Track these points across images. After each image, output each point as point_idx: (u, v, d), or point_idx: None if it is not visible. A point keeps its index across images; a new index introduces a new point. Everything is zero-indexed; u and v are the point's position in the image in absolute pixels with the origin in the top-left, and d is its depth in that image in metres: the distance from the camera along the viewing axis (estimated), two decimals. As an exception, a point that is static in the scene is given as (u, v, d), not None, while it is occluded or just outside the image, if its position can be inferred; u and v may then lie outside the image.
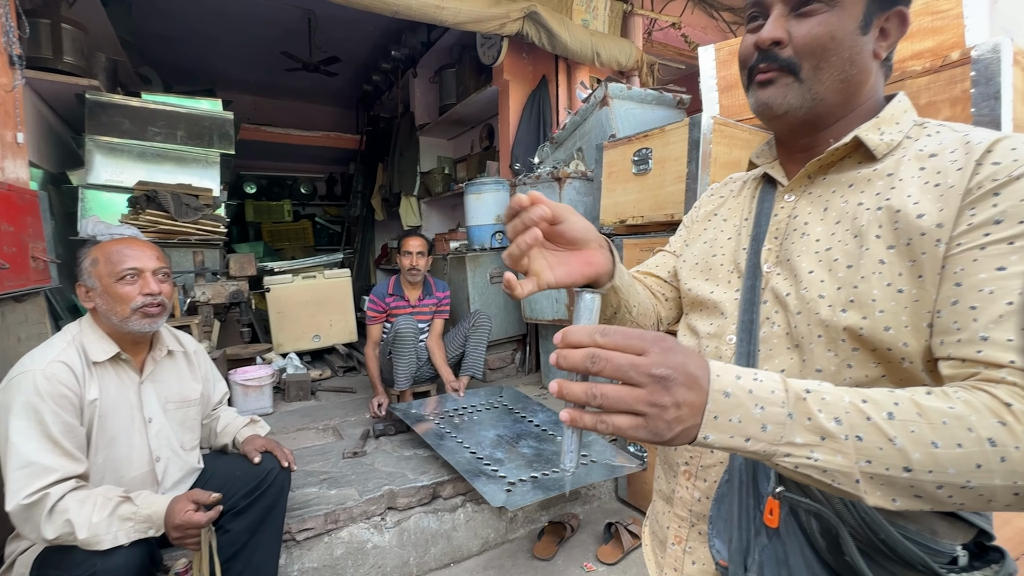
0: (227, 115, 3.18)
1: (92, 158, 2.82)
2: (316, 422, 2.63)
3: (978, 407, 0.43)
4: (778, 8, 0.60)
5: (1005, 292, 0.46)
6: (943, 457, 0.41)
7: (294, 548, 1.67)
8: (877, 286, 0.53)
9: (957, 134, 0.56)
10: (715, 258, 0.72)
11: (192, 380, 1.49)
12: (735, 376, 0.44)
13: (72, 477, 1.13)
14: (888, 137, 0.59)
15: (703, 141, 1.75)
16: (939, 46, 1.63)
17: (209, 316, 2.78)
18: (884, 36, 0.60)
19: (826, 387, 0.45)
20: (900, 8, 0.59)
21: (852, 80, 0.59)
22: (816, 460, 0.43)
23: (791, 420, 0.43)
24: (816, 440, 0.43)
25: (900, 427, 0.42)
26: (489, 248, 3.35)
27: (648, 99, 2.64)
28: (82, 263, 1.27)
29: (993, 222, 0.48)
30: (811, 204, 0.63)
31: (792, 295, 0.60)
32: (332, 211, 7.80)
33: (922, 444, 0.42)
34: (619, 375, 0.41)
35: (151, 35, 4.48)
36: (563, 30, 2.95)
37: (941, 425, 0.42)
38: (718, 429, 0.43)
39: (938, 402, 0.44)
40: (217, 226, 2.90)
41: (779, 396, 0.44)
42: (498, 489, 1.72)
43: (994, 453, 0.41)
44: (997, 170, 0.50)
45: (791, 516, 0.54)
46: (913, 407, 0.43)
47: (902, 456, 0.42)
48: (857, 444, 0.42)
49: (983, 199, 0.49)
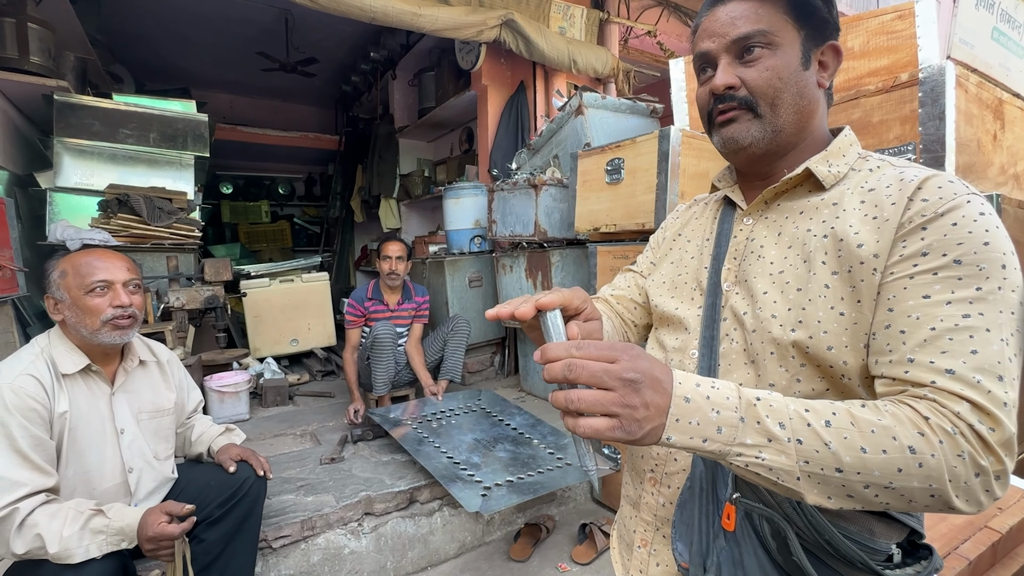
0: (201, 117, 3.13)
1: (61, 160, 2.76)
2: (293, 428, 2.63)
3: (902, 419, 0.48)
4: (724, 59, 0.65)
5: (929, 319, 0.52)
6: (870, 461, 0.47)
7: (270, 556, 1.67)
8: (822, 308, 0.58)
9: (894, 170, 0.61)
10: (680, 276, 0.77)
11: (165, 389, 1.49)
12: (695, 384, 0.49)
13: (42, 491, 1.12)
14: (835, 169, 0.65)
15: (672, 153, 1.81)
16: (894, 64, 1.71)
17: (183, 322, 2.75)
18: (823, 68, 0.66)
19: (775, 396, 0.51)
20: (832, 42, 0.66)
21: (804, 110, 0.65)
22: (763, 459, 0.48)
23: (743, 423, 0.48)
24: (764, 441, 0.48)
25: (835, 433, 0.48)
26: (468, 252, 3.38)
27: (622, 108, 2.70)
28: (50, 275, 1.26)
29: (920, 254, 0.54)
30: (766, 228, 0.68)
31: (749, 314, 0.65)
32: (311, 212, 7.72)
33: (852, 449, 0.47)
34: (594, 381, 0.46)
35: (123, 33, 4.38)
36: (540, 38, 2.99)
37: (870, 433, 0.48)
38: (679, 431, 0.48)
39: (869, 414, 0.49)
40: (191, 230, 2.87)
41: (733, 402, 0.49)
42: (474, 494, 1.75)
43: (913, 459, 0.47)
44: (925, 206, 0.55)
45: (746, 520, 0.59)
46: (848, 417, 0.49)
47: (835, 458, 0.47)
48: (798, 446, 0.48)
49: (913, 232, 0.55)
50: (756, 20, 0.62)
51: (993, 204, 1.41)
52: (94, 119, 2.81)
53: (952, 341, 0.50)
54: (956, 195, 0.55)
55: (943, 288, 0.52)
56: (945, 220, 0.53)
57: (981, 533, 1.11)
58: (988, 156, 1.64)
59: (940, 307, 0.52)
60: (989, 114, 1.65)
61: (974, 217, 0.53)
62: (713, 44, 0.65)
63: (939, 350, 0.51)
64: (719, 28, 0.65)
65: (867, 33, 1.76)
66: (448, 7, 2.74)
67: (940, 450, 0.46)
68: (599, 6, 3.54)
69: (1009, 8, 2.12)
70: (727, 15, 0.64)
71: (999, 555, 1.13)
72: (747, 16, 0.63)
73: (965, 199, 0.54)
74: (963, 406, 0.48)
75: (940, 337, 0.51)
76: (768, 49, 0.63)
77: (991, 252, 0.52)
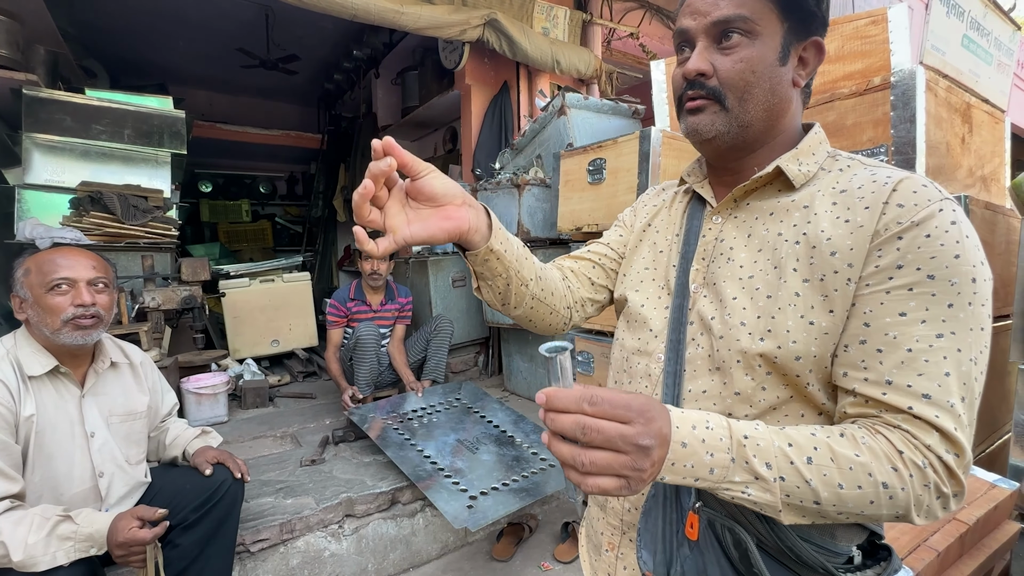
0: (178, 113, 3.06)
1: (30, 156, 2.67)
2: (273, 429, 2.58)
3: (879, 454, 0.50)
4: (702, 41, 0.63)
5: (906, 338, 0.52)
6: (846, 496, 0.50)
7: (248, 560, 1.64)
8: (792, 318, 0.58)
9: (866, 171, 0.60)
10: (647, 271, 0.75)
11: (138, 392, 1.46)
12: (691, 426, 0.50)
13: (6, 497, 1.09)
14: (805, 168, 0.64)
15: (652, 153, 1.83)
16: (867, 68, 1.75)
17: (159, 322, 2.69)
18: (803, 64, 0.64)
19: (760, 432, 0.52)
20: (816, 38, 0.63)
21: (774, 108, 0.63)
22: (749, 495, 0.51)
23: (733, 464, 0.50)
24: (751, 479, 0.50)
25: (815, 471, 0.50)
26: (451, 252, 3.37)
27: (604, 109, 2.72)
28: (15, 273, 1.22)
29: (895, 267, 0.53)
30: (736, 228, 0.66)
31: (716, 319, 0.63)
32: (293, 211, 7.60)
33: (831, 486, 0.50)
34: (609, 446, 0.45)
35: (97, 27, 4.27)
36: (523, 38, 2.99)
37: (848, 470, 0.50)
38: (673, 472, 0.49)
39: (848, 449, 0.51)
40: (168, 229, 2.81)
41: (725, 443, 0.51)
42: (460, 506, 1.72)
43: (884, 493, 0.50)
44: (900, 213, 0.54)
45: (709, 529, 0.59)
46: (828, 452, 0.51)
47: (814, 494, 0.50)
48: (781, 483, 0.50)
49: (889, 242, 0.54)
50: (739, 4, 0.60)
51: (961, 205, 1.46)
52: (65, 114, 2.73)
53: (928, 363, 0.51)
54: (930, 201, 0.54)
55: (918, 305, 0.52)
56: (920, 231, 0.53)
57: (949, 525, 1.14)
58: (957, 159, 1.68)
59: (915, 326, 0.52)
60: (958, 118, 1.70)
61: (946, 228, 0.53)
62: (693, 22, 0.63)
63: (915, 372, 0.52)
64: (701, 6, 0.62)
65: (842, 37, 1.80)
66: (431, 6, 2.72)
67: (909, 483, 0.50)
68: (582, 7, 3.56)
69: (978, 16, 2.19)
70: None
71: (967, 546, 1.16)
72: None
73: (938, 207, 0.54)
74: (934, 437, 0.50)
75: (916, 359, 0.52)
76: (747, 37, 0.60)
77: (962, 266, 0.52)
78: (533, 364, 2.99)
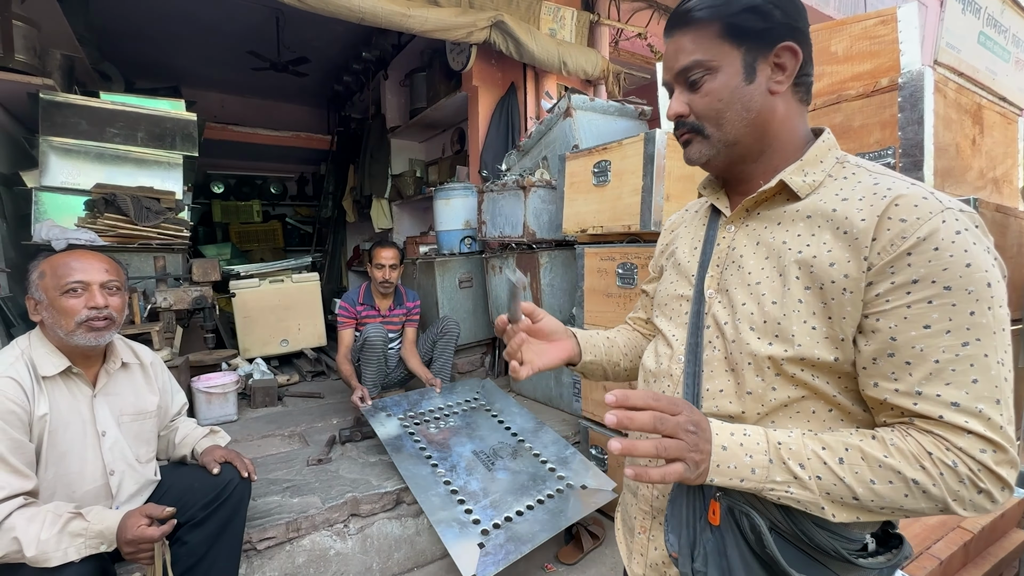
0: (190, 116, 3.11)
1: (47, 159, 2.73)
2: (282, 429, 2.62)
3: (907, 455, 0.55)
4: (677, 88, 0.71)
5: (932, 350, 0.55)
6: (879, 490, 0.56)
7: (255, 557, 1.67)
8: (796, 323, 0.62)
9: (869, 179, 0.63)
10: (671, 284, 0.81)
11: (148, 392, 1.48)
12: (729, 432, 0.60)
13: (20, 494, 1.12)
14: (811, 178, 0.67)
15: (657, 156, 1.82)
16: (876, 69, 1.73)
17: (171, 322, 2.73)
18: (780, 70, 0.66)
19: (793, 438, 0.59)
20: (786, 43, 0.65)
21: (754, 121, 0.67)
22: (792, 493, 0.58)
23: (772, 464, 0.58)
24: (790, 479, 0.58)
25: (848, 469, 0.57)
26: (458, 253, 3.38)
27: (611, 110, 2.71)
28: (31, 276, 1.25)
29: (911, 282, 0.56)
30: (747, 237, 0.71)
31: (729, 324, 0.68)
32: (303, 212, 7.68)
33: (863, 482, 0.56)
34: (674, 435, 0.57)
35: (112, 31, 4.35)
36: (530, 39, 3.00)
37: (877, 468, 0.56)
38: (719, 474, 0.58)
39: (877, 450, 0.56)
40: (180, 230, 2.85)
41: (762, 447, 0.59)
42: (470, 545, 1.66)
43: (916, 488, 0.55)
44: (905, 228, 0.56)
45: (729, 515, 0.64)
46: (858, 453, 0.57)
47: (850, 490, 0.56)
48: (818, 482, 0.57)
49: (900, 259, 0.56)
50: (692, 51, 0.67)
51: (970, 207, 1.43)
52: (80, 118, 2.79)
53: (955, 372, 0.54)
54: (932, 214, 0.56)
55: (940, 317, 0.55)
56: (927, 245, 0.55)
57: (953, 533, 1.13)
58: (967, 161, 1.66)
59: (940, 337, 0.55)
60: (968, 119, 1.67)
61: (952, 238, 0.55)
62: (667, 76, 0.72)
63: (943, 382, 0.55)
64: (668, 61, 0.71)
65: (850, 38, 1.78)
66: (437, 8, 2.74)
67: (941, 480, 0.54)
68: (589, 8, 3.55)
69: (995, 13, 2.15)
70: (672, 49, 0.70)
71: (971, 555, 1.15)
72: (685, 49, 0.67)
73: (940, 219, 0.56)
74: (966, 439, 0.54)
75: (944, 369, 0.55)
76: (709, 74, 0.66)
77: (975, 273, 0.55)
78: (539, 365, 2.99)
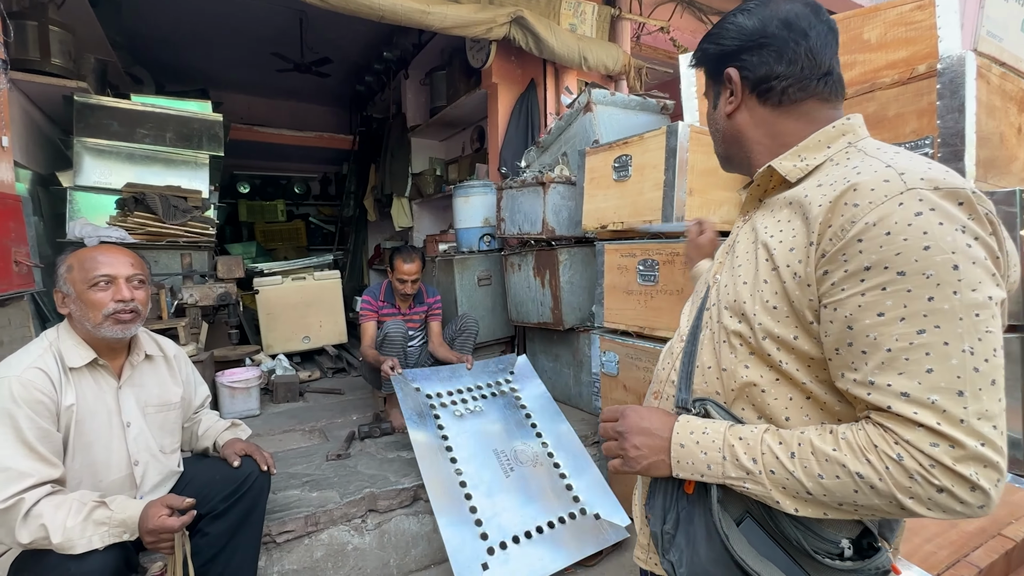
0: (216, 117, 3.18)
1: (81, 160, 2.83)
2: (303, 424, 2.65)
3: (854, 448, 0.54)
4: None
5: (885, 338, 0.53)
6: (828, 485, 0.56)
7: (274, 550, 1.69)
8: (759, 302, 0.64)
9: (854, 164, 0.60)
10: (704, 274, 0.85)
11: (172, 384, 1.51)
12: (689, 431, 0.67)
13: (47, 482, 1.14)
14: (806, 162, 0.66)
15: (680, 149, 1.78)
16: (913, 56, 1.65)
17: (197, 318, 2.80)
18: (729, 92, 0.73)
19: (754, 433, 0.62)
20: (726, 70, 0.72)
21: (725, 138, 0.77)
22: (748, 488, 0.61)
23: (725, 461, 0.63)
24: (743, 475, 0.61)
25: (797, 463, 0.58)
26: (477, 251, 3.37)
27: (632, 105, 2.67)
28: (58, 270, 1.28)
29: (864, 268, 0.53)
30: (750, 226, 0.73)
31: (715, 305, 0.72)
32: (326, 211, 7.80)
33: (811, 476, 0.57)
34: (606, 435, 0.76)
35: (144, 36, 4.48)
36: (550, 35, 2.97)
37: (824, 462, 0.56)
38: (681, 469, 0.67)
39: (827, 445, 0.56)
40: (206, 228, 2.92)
41: (717, 444, 0.64)
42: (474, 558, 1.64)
43: (863, 483, 0.53)
44: (854, 213, 0.54)
45: (701, 487, 0.68)
46: (809, 447, 0.58)
47: (800, 484, 0.57)
48: (771, 477, 0.59)
49: (850, 245, 0.54)
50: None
51: (1016, 200, 1.35)
52: (112, 119, 2.87)
53: (908, 361, 0.51)
54: (887, 197, 0.53)
55: (895, 304, 0.52)
56: (878, 230, 0.52)
57: (994, 541, 1.06)
58: (1012, 150, 1.57)
59: (894, 325, 0.52)
60: (1014, 107, 1.58)
61: (908, 221, 0.51)
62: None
63: (896, 371, 0.52)
64: None
65: (884, 24, 1.70)
66: (457, 5, 2.73)
67: (887, 475, 0.52)
68: (611, 2, 3.50)
69: (1040, -2, 2.03)
70: None
71: (1013, 564, 1.08)
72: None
73: (897, 201, 0.52)
74: (915, 432, 0.51)
75: (896, 358, 0.52)
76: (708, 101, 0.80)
77: (934, 256, 0.50)
78: (558, 363, 2.97)
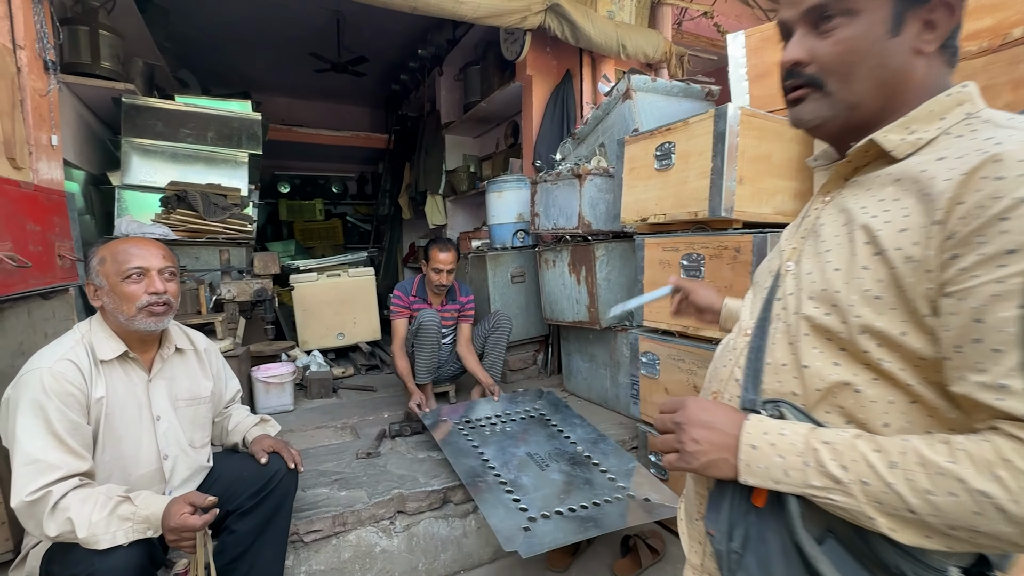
0: (255, 116, 3.23)
1: (128, 159, 2.92)
2: (335, 420, 2.64)
3: (977, 461, 0.46)
4: (799, 29, 0.61)
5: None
6: (939, 503, 0.47)
7: (302, 549, 1.66)
8: (856, 291, 0.55)
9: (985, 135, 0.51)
10: (767, 261, 0.76)
11: (202, 378, 1.50)
12: (763, 431, 0.58)
13: (76, 475, 1.13)
14: (916, 136, 0.56)
15: (729, 134, 1.64)
16: (999, 24, 1.46)
17: (234, 313, 2.83)
18: (929, 28, 0.56)
19: (843, 436, 0.53)
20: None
21: (888, 82, 0.58)
22: (834, 500, 0.52)
23: (808, 468, 0.53)
24: (830, 484, 0.52)
25: (899, 475, 0.49)
26: (511, 247, 3.30)
27: (674, 91, 2.52)
28: (90, 262, 1.28)
29: (1006, 252, 0.46)
30: (835, 206, 0.64)
31: (793, 295, 0.63)
32: (362, 210, 7.91)
33: (917, 491, 0.48)
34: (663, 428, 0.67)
35: (190, 41, 4.63)
36: (586, 22, 2.85)
37: (936, 475, 0.47)
38: (752, 474, 0.57)
39: (940, 456, 0.48)
40: (244, 225, 2.96)
41: (798, 447, 0.55)
42: (514, 526, 1.58)
43: (989, 504, 0.45)
44: (1000, 187, 0.46)
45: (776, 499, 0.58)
46: (915, 457, 0.49)
47: (902, 500, 0.48)
48: (863, 488, 0.50)
49: (990, 225, 0.46)
50: None
51: None
52: (157, 119, 2.96)
53: None
54: None
55: None
56: None
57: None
58: None
59: None
60: None
61: None
62: (789, 12, 0.62)
63: None
64: None
65: (968, -11, 1.51)
66: (491, -6, 2.65)
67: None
68: (651, -13, 3.34)
69: None
70: None
71: None
72: None
73: None
74: None
75: None
76: (846, 17, 0.57)
77: None
78: (593, 364, 2.85)
